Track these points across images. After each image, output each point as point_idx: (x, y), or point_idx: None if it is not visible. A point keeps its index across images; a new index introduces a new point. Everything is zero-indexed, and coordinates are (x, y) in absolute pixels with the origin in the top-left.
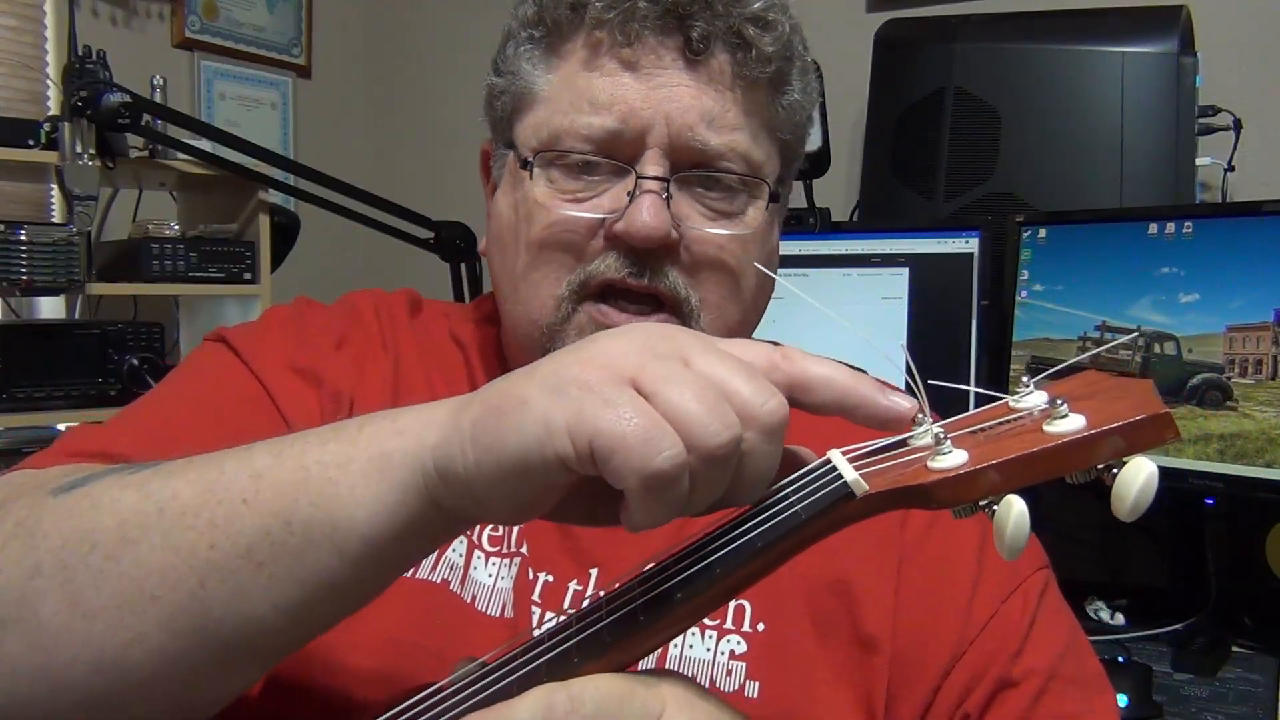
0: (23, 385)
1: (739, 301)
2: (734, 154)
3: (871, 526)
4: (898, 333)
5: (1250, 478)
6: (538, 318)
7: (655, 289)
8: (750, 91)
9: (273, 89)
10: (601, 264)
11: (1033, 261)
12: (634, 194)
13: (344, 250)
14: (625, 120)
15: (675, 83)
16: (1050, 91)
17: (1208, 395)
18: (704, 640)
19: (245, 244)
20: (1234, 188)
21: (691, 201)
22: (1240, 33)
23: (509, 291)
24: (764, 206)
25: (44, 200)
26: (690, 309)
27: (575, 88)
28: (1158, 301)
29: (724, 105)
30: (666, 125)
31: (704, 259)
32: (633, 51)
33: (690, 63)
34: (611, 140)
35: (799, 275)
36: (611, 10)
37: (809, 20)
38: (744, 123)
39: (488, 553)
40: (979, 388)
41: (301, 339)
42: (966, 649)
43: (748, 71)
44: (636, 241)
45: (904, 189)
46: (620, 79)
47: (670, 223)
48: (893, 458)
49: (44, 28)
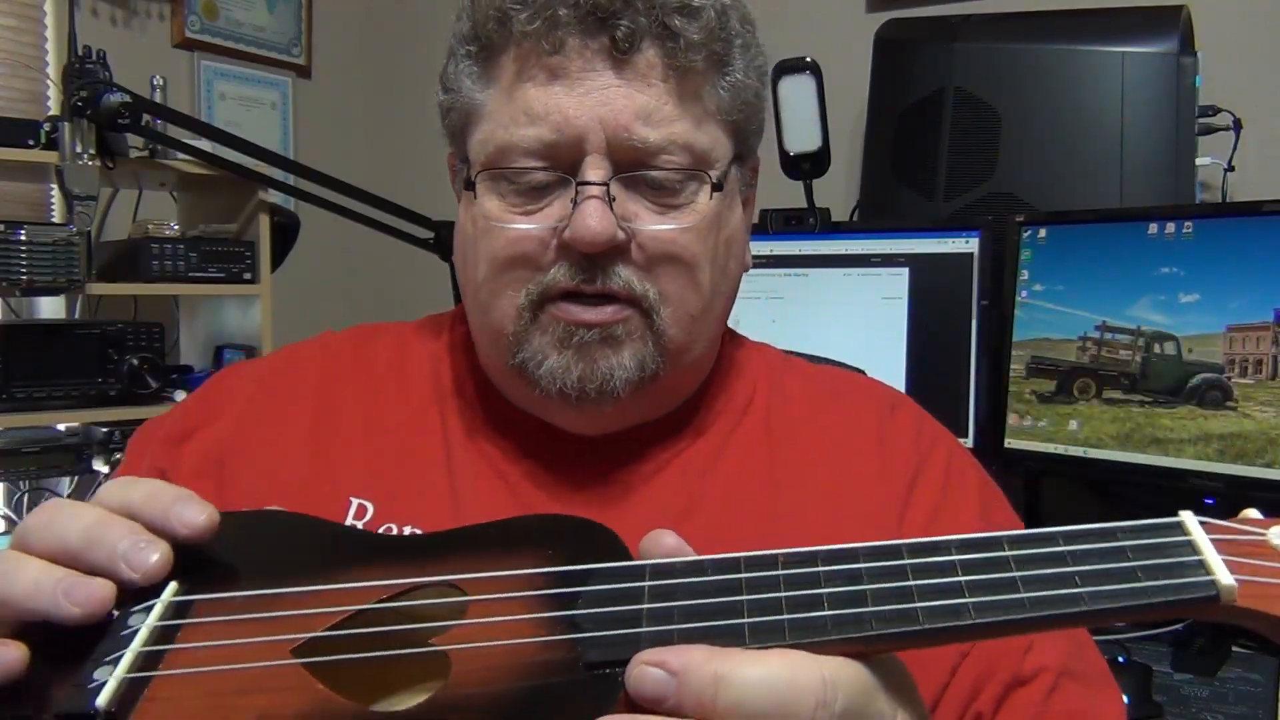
0: (23, 385)
1: (698, 291)
2: (675, 146)
3: (871, 525)
4: (898, 333)
5: (1250, 478)
6: (502, 327)
7: (609, 290)
8: (685, 80)
9: (273, 89)
10: (555, 274)
11: (1033, 261)
12: (577, 201)
13: (344, 250)
14: (560, 129)
15: (606, 85)
16: (1050, 91)
17: (1208, 395)
18: None
19: (245, 244)
20: (1234, 188)
21: (639, 199)
22: (1240, 33)
23: (474, 303)
24: (710, 194)
25: (44, 200)
26: (649, 304)
27: (512, 101)
28: (1158, 301)
29: (659, 99)
30: (602, 128)
31: (656, 254)
32: (561, 59)
33: (619, 62)
34: (551, 150)
35: (799, 275)
36: (535, 20)
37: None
38: (682, 113)
39: None
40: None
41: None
42: (971, 647)
43: (679, 61)
44: (583, 247)
45: (904, 189)
46: (552, 88)
47: (615, 225)
48: (1258, 551)
49: (44, 28)
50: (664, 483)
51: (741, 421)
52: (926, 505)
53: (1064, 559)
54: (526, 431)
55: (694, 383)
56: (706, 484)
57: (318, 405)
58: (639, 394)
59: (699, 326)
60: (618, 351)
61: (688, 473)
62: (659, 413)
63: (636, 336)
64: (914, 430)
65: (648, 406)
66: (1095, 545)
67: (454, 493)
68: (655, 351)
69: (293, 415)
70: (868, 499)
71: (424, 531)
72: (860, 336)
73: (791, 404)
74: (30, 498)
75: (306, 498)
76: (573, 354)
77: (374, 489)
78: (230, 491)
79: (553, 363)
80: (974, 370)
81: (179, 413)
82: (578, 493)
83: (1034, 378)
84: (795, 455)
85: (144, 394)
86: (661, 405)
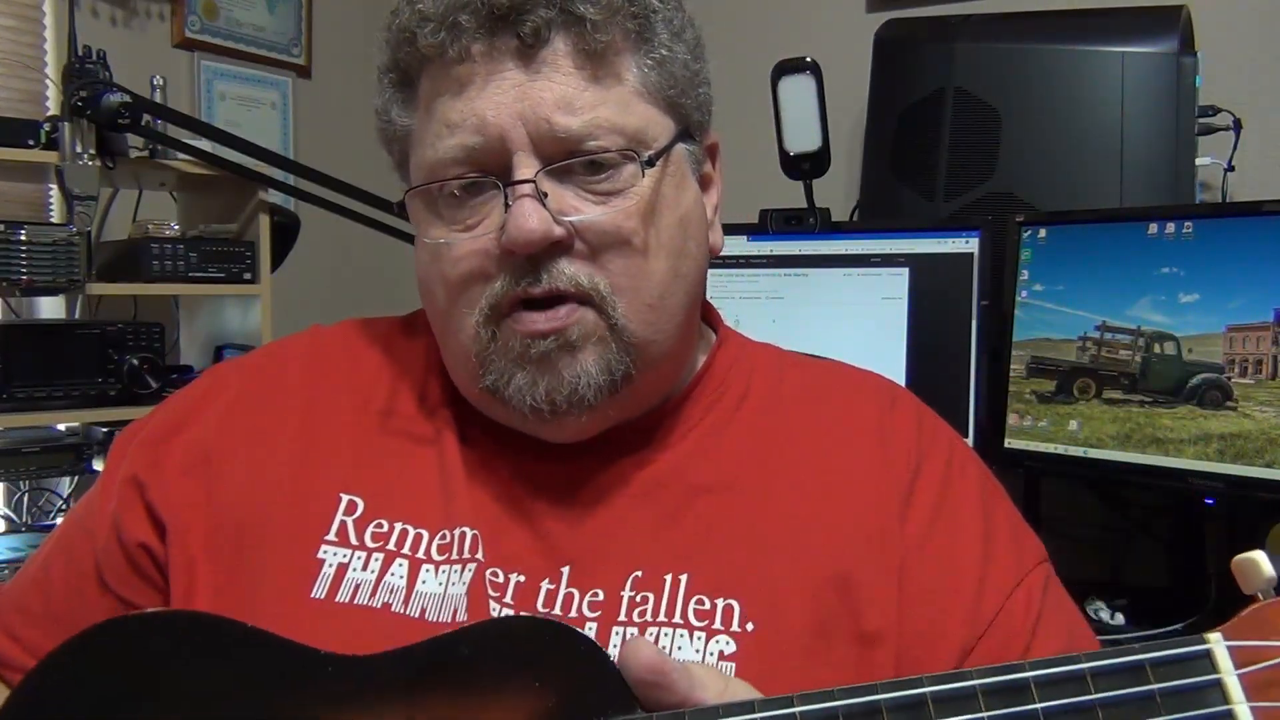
0: (23, 385)
1: (651, 278)
2: (601, 130)
3: (872, 521)
4: (898, 333)
5: (1250, 478)
6: (467, 351)
7: (556, 289)
8: (602, 63)
9: (273, 89)
10: (500, 284)
11: (1033, 261)
12: (510, 204)
13: (344, 250)
14: (480, 131)
15: (519, 81)
16: (1050, 91)
17: (1208, 395)
18: (693, 641)
19: (245, 244)
20: (1234, 188)
21: (575, 190)
22: (1240, 33)
23: (440, 332)
24: (646, 172)
25: (44, 200)
26: (601, 297)
27: (433, 118)
28: (1158, 301)
29: (576, 87)
30: (522, 124)
31: (600, 244)
32: (469, 66)
33: (529, 58)
34: (477, 156)
35: (799, 275)
36: (439, 32)
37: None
38: (604, 97)
39: (436, 562)
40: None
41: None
42: (975, 645)
43: (589, 45)
44: (520, 249)
45: (904, 189)
46: (467, 96)
47: (550, 221)
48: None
49: (44, 28)
50: (656, 481)
51: (735, 418)
52: (928, 502)
53: (1093, 711)
54: (511, 433)
55: (673, 376)
56: (700, 482)
57: (307, 401)
58: (614, 399)
59: (659, 316)
60: (579, 358)
61: (680, 471)
62: (640, 411)
63: (596, 338)
64: (914, 425)
65: (627, 406)
66: (1123, 692)
67: (445, 491)
68: (619, 350)
69: (281, 410)
70: (868, 495)
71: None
72: (860, 336)
73: (790, 400)
74: (30, 498)
75: (296, 492)
76: (534, 368)
77: (364, 485)
78: (219, 486)
79: (518, 381)
80: (974, 370)
81: (162, 412)
82: (569, 492)
83: (1034, 378)
84: (793, 453)
85: (144, 394)
86: (642, 403)
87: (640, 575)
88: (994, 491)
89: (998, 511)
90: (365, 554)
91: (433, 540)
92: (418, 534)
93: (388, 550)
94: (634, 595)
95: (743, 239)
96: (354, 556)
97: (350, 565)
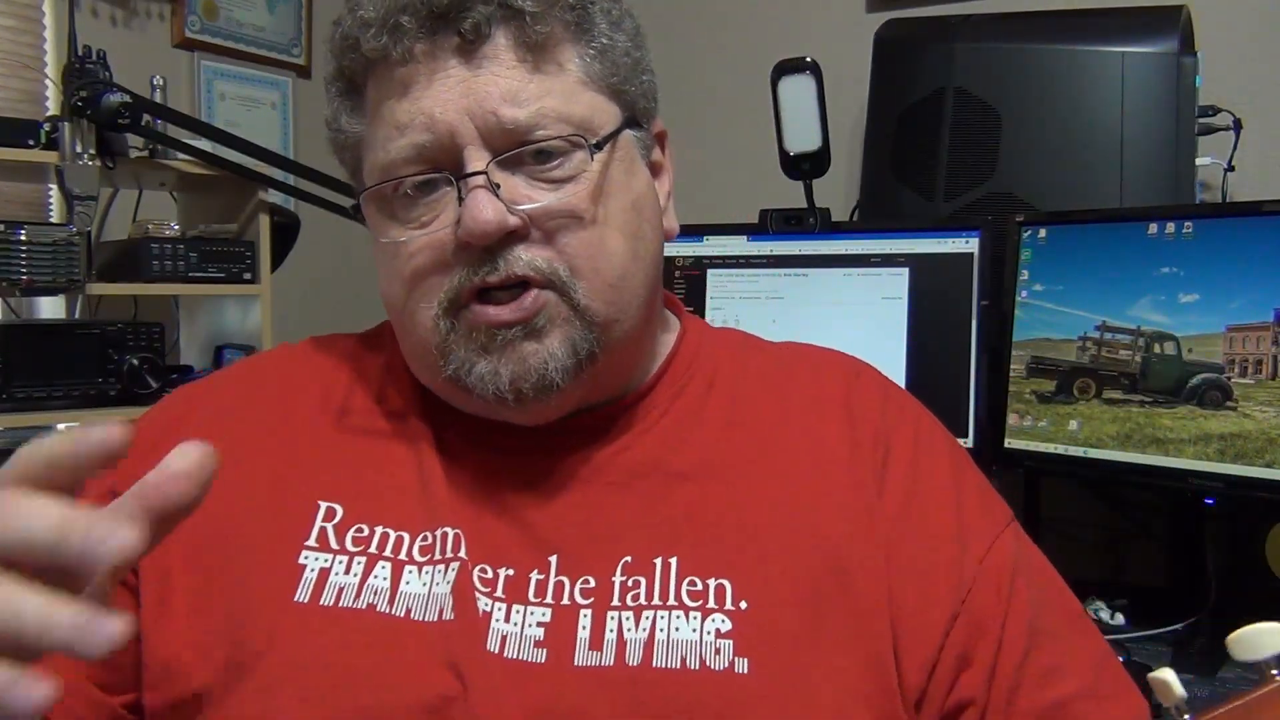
0: (23, 385)
1: (610, 258)
2: (548, 120)
3: (852, 498)
4: (898, 333)
5: (1250, 478)
6: (426, 343)
7: (514, 275)
8: (544, 55)
9: (273, 89)
10: (458, 276)
11: (1033, 261)
12: (463, 197)
13: (344, 250)
14: (430, 129)
15: (463, 78)
16: (1050, 91)
17: (1208, 395)
18: (689, 621)
19: (245, 244)
20: (1234, 188)
21: (526, 180)
22: (1240, 33)
23: (399, 329)
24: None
25: (44, 200)
26: (562, 281)
27: (382, 122)
28: (1158, 301)
29: (520, 79)
30: (470, 119)
31: (556, 229)
32: (413, 67)
33: (471, 54)
34: (428, 153)
35: (799, 275)
36: (381, 35)
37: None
38: (549, 87)
39: (419, 563)
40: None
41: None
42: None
43: (530, 37)
44: (477, 240)
45: (904, 189)
46: (413, 95)
47: (503, 210)
48: None
49: (43, 28)
50: (634, 468)
51: (706, 403)
52: (903, 474)
53: None
54: (484, 429)
55: (637, 360)
56: (678, 469)
57: (279, 415)
58: (580, 380)
59: (621, 295)
60: (544, 341)
61: (657, 457)
62: (606, 395)
63: (561, 319)
64: (880, 399)
65: (593, 389)
66: None
67: (425, 492)
68: (584, 329)
69: (256, 426)
70: (844, 472)
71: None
72: (860, 337)
73: (756, 383)
74: None
75: (274, 503)
76: (498, 357)
77: (343, 491)
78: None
79: (481, 369)
80: (974, 370)
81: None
82: (548, 483)
83: (1034, 378)
84: (767, 435)
85: (144, 394)
86: (608, 386)
87: (630, 560)
88: (961, 459)
89: (966, 478)
90: (347, 558)
91: (414, 542)
92: (399, 537)
93: (369, 554)
94: (625, 580)
95: (743, 239)
96: (335, 561)
97: (332, 569)
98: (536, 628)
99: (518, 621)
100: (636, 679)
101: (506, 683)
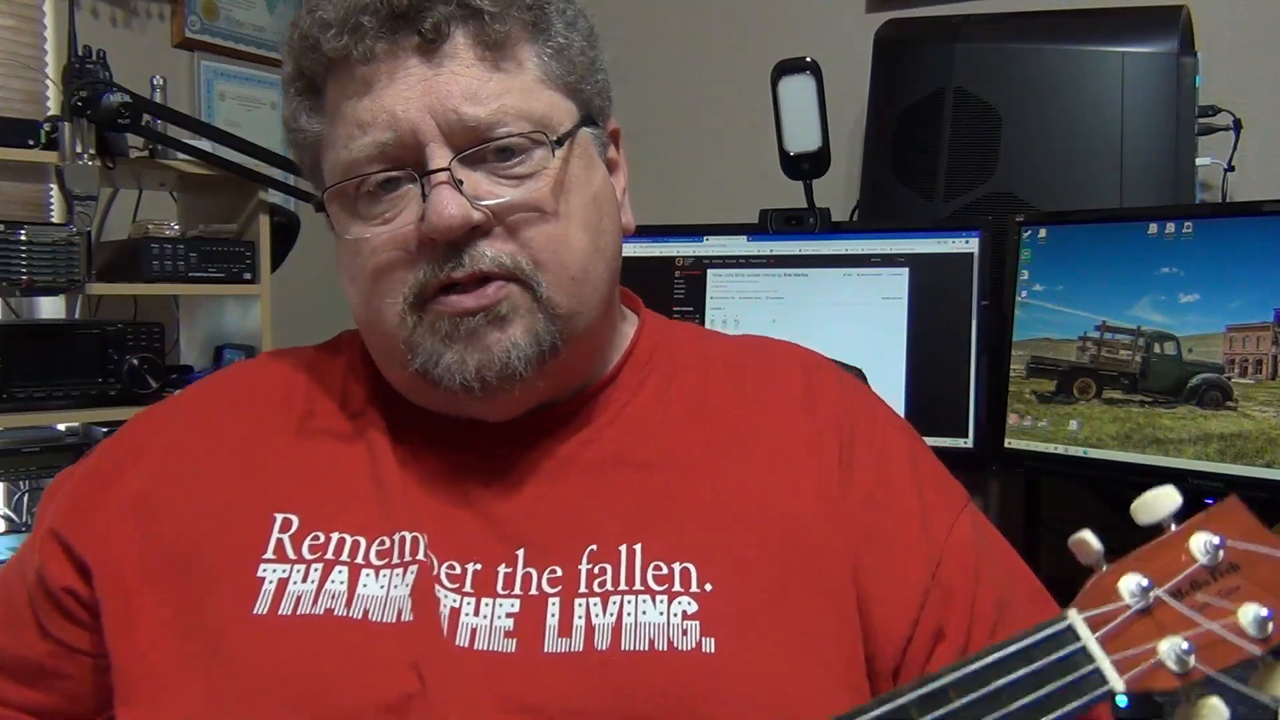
0: (23, 385)
1: (572, 252)
2: (509, 117)
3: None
4: (898, 333)
5: (1250, 478)
6: (393, 338)
7: (479, 271)
8: (503, 53)
9: (273, 89)
10: (423, 272)
11: (1033, 261)
12: (427, 193)
13: None
14: (392, 127)
15: (424, 76)
16: (1050, 91)
17: (1208, 395)
18: (655, 605)
19: (245, 244)
20: (1234, 188)
21: (488, 176)
22: (1240, 33)
23: (363, 324)
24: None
25: (44, 200)
26: (526, 275)
27: (343, 121)
28: (1158, 301)
29: (480, 78)
30: (432, 116)
31: (518, 224)
32: (374, 66)
33: (431, 53)
34: (391, 151)
35: (799, 275)
36: (341, 35)
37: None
38: (508, 85)
39: (376, 566)
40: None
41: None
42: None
43: (489, 36)
44: (440, 235)
45: (904, 189)
46: (374, 94)
47: (467, 207)
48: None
49: (44, 28)
50: (597, 460)
51: (667, 395)
52: (867, 460)
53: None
54: (447, 427)
55: (598, 352)
56: (641, 459)
57: (238, 430)
58: (543, 371)
59: (583, 288)
60: (507, 330)
61: (620, 449)
62: (568, 388)
63: (524, 310)
64: (837, 389)
65: (556, 382)
66: (1017, 675)
67: (381, 495)
68: (546, 320)
69: (214, 444)
70: (807, 460)
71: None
72: (860, 336)
73: (717, 375)
74: (30, 498)
75: (231, 519)
76: (463, 345)
77: (298, 501)
78: (157, 526)
79: (448, 360)
80: (974, 370)
81: (95, 459)
82: (510, 477)
83: (1034, 378)
84: (729, 426)
85: (144, 394)
86: (569, 379)
87: (595, 549)
88: (918, 445)
89: (923, 463)
90: (304, 566)
91: (371, 545)
92: (355, 541)
93: (326, 560)
94: (592, 567)
95: (743, 239)
96: (293, 570)
97: (290, 579)
98: (506, 619)
99: (487, 614)
100: (606, 662)
101: (476, 675)
